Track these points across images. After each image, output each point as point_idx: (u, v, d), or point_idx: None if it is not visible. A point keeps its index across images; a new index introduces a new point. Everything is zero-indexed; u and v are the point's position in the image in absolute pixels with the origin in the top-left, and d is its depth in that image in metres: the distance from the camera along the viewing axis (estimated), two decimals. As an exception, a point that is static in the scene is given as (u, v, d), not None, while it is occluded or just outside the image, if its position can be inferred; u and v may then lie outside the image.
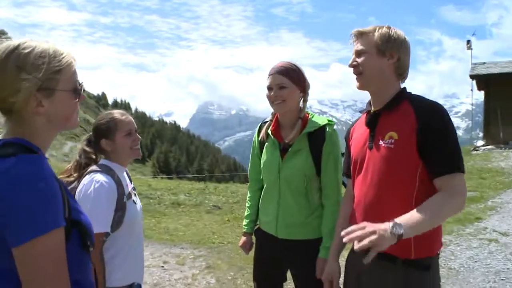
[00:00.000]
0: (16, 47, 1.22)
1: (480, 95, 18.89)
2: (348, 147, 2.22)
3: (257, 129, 2.79)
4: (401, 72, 1.95)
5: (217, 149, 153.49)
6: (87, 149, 2.28)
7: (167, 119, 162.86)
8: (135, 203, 2.26)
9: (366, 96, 2.09)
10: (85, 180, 2.10)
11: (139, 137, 2.33)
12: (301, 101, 2.52)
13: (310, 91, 2.54)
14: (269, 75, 2.47)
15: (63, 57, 1.28)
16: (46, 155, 1.31)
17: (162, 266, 5.82)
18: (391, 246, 1.86)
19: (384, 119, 1.95)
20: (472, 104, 19.47)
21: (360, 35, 1.96)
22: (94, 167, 2.16)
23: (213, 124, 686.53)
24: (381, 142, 1.90)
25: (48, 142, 1.35)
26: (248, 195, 2.89)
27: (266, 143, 2.62)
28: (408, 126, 1.83)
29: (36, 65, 1.21)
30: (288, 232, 2.52)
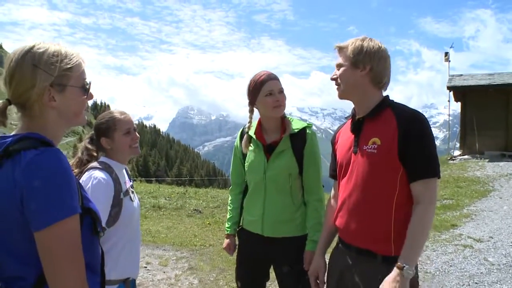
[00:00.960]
0: (32, 48, 1.34)
1: (457, 106, 19.36)
2: (334, 150, 2.34)
3: (239, 133, 2.90)
4: (378, 80, 2.04)
5: (196, 154, 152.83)
6: (89, 146, 2.35)
7: (147, 123, 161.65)
8: (132, 200, 2.32)
9: (345, 105, 2.21)
10: (84, 176, 2.17)
11: (138, 135, 2.41)
12: None
13: (290, 99, 2.67)
14: (265, 81, 2.57)
15: (73, 57, 1.40)
16: None
17: (145, 267, 5.85)
18: (371, 243, 2.00)
19: (368, 126, 2.06)
20: (449, 115, 19.91)
21: (340, 50, 2.10)
22: (93, 164, 2.24)
23: (193, 129, 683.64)
24: (365, 148, 2.02)
25: (59, 137, 1.44)
26: (230, 198, 2.98)
27: (250, 146, 2.73)
28: (390, 132, 1.94)
29: (49, 63, 1.33)
30: (274, 230, 2.63)
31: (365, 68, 2.01)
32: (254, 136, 2.68)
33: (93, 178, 2.13)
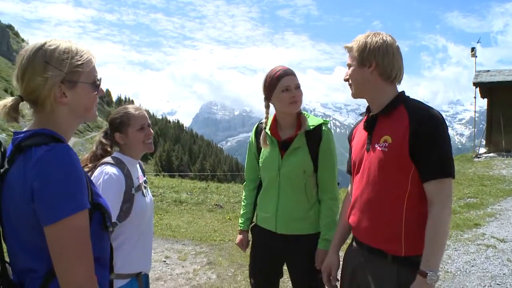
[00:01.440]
0: (43, 45, 1.38)
1: (483, 103, 18.93)
2: (350, 147, 2.32)
3: (254, 129, 2.89)
4: (388, 75, 2.01)
5: (219, 149, 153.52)
6: (104, 141, 2.39)
7: (171, 118, 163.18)
8: (145, 196, 2.35)
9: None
10: (97, 171, 2.21)
11: (152, 131, 2.43)
12: None
13: (314, 94, 2.66)
14: (282, 76, 2.55)
15: (84, 53, 1.43)
16: None
17: (164, 261, 5.93)
18: (382, 242, 1.98)
19: (381, 123, 2.04)
20: (475, 112, 19.48)
21: (348, 50, 2.10)
22: (106, 159, 2.27)
23: (216, 124, 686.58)
24: (376, 145, 2.00)
25: (70, 133, 1.48)
26: (244, 193, 2.99)
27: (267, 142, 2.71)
28: (401, 130, 1.91)
29: (60, 60, 1.37)
30: (288, 227, 2.63)
31: (372, 65, 1.99)
32: (269, 132, 2.67)
33: (104, 173, 2.16)
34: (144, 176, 2.49)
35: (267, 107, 2.67)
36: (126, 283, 2.23)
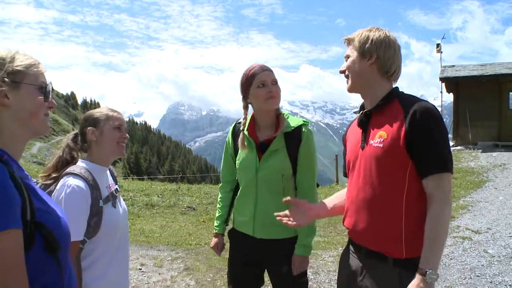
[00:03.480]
0: None
1: (449, 97, 19.37)
2: (344, 148, 2.23)
3: (231, 129, 2.76)
4: (386, 70, 1.95)
5: (188, 150, 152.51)
6: (71, 144, 2.16)
7: (138, 120, 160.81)
8: (115, 207, 2.14)
9: (336, 97, 2.12)
10: (59, 184, 1.97)
11: (128, 136, 2.23)
12: None
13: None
14: (257, 73, 2.44)
15: (25, 58, 1.35)
16: None
17: (140, 269, 5.71)
18: (381, 244, 1.88)
19: (375, 119, 1.96)
20: (441, 106, 19.91)
21: (348, 41, 2.03)
22: (70, 169, 2.03)
23: (183, 124, 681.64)
24: (371, 142, 1.92)
25: (16, 144, 1.33)
26: (220, 196, 2.85)
27: (244, 143, 2.57)
28: (396, 125, 1.84)
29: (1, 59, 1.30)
30: (266, 232, 2.51)
31: (372, 57, 1.93)
32: (246, 133, 2.54)
33: (66, 186, 1.93)
34: (116, 184, 2.28)
35: (245, 107, 2.54)
36: None
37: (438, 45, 19.52)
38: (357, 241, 2.02)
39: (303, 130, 2.48)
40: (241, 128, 2.59)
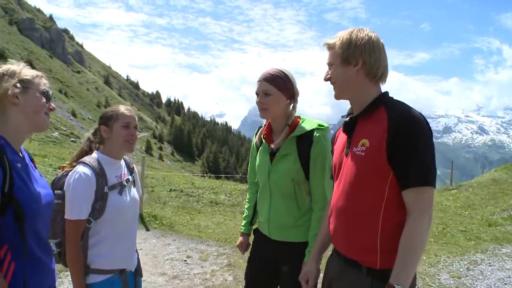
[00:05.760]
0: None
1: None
2: (332, 150, 2.20)
3: (255, 133, 2.83)
4: (374, 74, 1.87)
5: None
6: (91, 138, 2.46)
7: (219, 120, 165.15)
8: (121, 194, 2.36)
9: (421, 105, 2.04)
10: (72, 171, 2.27)
11: (137, 134, 2.45)
12: (290, 107, 2.54)
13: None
14: (257, 81, 2.51)
15: (31, 70, 1.82)
16: None
17: (185, 260, 6.00)
18: (356, 253, 1.86)
19: (360, 125, 1.91)
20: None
21: (329, 48, 1.95)
22: (83, 159, 2.31)
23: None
24: (354, 149, 1.87)
25: (20, 135, 1.80)
26: (247, 196, 2.97)
27: (260, 147, 2.68)
28: (379, 134, 1.77)
29: (12, 73, 1.77)
30: (280, 234, 2.56)
31: (358, 63, 1.85)
32: (262, 136, 2.63)
33: (75, 172, 2.21)
34: (131, 175, 2.51)
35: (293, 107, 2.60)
36: (107, 278, 2.27)
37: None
38: (336, 247, 2.02)
39: (315, 134, 2.45)
40: (259, 131, 2.71)
